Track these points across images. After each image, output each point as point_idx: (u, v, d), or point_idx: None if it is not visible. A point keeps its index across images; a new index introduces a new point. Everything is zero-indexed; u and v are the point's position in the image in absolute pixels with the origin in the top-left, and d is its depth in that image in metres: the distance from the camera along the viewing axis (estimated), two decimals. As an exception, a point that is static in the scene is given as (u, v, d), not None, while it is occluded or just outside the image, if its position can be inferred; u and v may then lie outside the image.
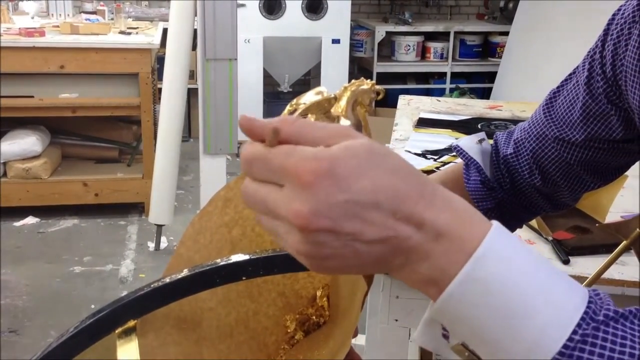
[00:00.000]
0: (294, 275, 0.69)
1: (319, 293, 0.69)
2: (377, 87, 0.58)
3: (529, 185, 0.92)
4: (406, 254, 0.46)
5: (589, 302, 0.46)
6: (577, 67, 0.89)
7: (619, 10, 0.83)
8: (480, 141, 0.93)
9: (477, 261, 0.45)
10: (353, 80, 0.58)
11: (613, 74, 0.82)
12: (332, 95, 0.57)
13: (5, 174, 4.08)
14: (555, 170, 0.90)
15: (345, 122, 0.57)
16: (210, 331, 0.64)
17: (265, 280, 0.68)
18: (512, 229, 0.98)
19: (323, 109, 0.56)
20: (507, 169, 0.93)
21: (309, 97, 0.57)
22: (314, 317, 0.62)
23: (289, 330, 0.62)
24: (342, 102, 0.57)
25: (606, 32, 0.84)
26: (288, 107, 0.57)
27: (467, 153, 0.92)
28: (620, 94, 0.82)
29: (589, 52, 0.87)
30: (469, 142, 0.93)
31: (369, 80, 0.58)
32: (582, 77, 0.86)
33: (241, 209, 0.69)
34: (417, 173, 0.47)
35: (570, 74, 0.90)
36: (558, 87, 0.91)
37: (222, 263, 0.58)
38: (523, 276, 0.45)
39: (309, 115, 0.57)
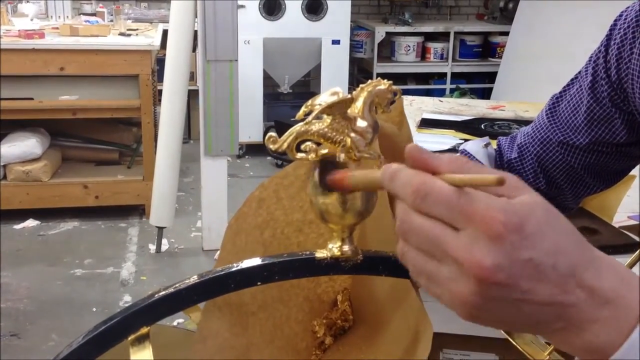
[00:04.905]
0: (317, 279, 0.69)
1: (339, 297, 0.68)
2: (394, 87, 0.57)
3: (534, 189, 0.92)
4: (568, 319, 0.45)
5: None
6: (580, 72, 0.90)
7: (620, 15, 0.85)
8: (486, 145, 0.94)
9: None
10: (370, 81, 0.57)
11: (618, 77, 0.84)
12: (349, 96, 0.56)
13: (5, 177, 4.07)
14: (559, 174, 0.91)
15: (362, 122, 0.56)
16: (255, 336, 0.64)
17: (292, 284, 0.67)
18: None
19: (339, 109, 0.55)
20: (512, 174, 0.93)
21: (325, 98, 0.56)
22: (339, 322, 0.62)
23: (318, 335, 0.62)
24: (359, 103, 0.56)
25: (609, 37, 0.85)
26: (303, 108, 0.55)
27: (474, 157, 0.93)
28: (625, 97, 0.84)
29: (592, 57, 0.88)
30: (475, 146, 0.94)
31: (385, 81, 0.57)
32: (586, 81, 0.87)
33: (273, 210, 0.68)
34: (582, 237, 0.47)
35: (572, 79, 0.92)
36: (560, 92, 0.93)
37: (235, 268, 0.57)
38: None
39: (325, 116, 0.56)
